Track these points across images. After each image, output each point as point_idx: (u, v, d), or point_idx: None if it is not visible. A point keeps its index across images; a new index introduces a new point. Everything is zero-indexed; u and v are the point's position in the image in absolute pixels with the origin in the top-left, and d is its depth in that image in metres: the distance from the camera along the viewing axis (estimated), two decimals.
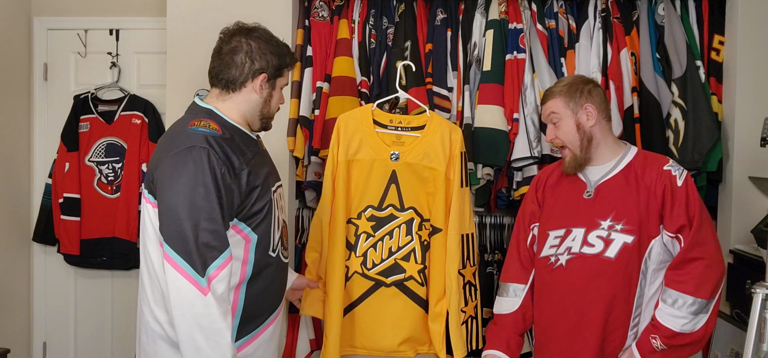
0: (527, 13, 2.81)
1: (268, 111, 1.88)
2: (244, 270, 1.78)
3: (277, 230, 1.85)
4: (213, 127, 1.73)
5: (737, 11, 2.68)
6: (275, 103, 1.89)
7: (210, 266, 1.63)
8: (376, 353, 2.43)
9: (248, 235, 1.76)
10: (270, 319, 1.87)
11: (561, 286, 2.03)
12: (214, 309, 1.63)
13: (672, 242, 1.95)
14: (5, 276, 3.23)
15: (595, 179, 2.06)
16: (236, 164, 1.71)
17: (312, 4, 2.92)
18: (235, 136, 1.77)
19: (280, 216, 1.89)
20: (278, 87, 1.88)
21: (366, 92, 2.84)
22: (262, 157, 1.87)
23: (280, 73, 1.86)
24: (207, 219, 1.63)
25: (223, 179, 1.66)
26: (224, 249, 1.66)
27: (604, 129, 2.06)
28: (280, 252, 1.88)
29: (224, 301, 1.66)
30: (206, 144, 1.67)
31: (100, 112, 3.26)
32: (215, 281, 1.63)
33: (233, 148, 1.73)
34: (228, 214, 1.70)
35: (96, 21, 3.33)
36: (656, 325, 1.92)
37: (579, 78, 2.12)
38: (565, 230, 2.04)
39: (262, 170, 1.81)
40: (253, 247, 1.77)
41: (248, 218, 1.76)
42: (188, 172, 1.64)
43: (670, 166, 2.00)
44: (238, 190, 1.71)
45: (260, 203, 1.77)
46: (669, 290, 1.92)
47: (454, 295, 2.35)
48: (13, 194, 3.30)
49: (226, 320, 1.65)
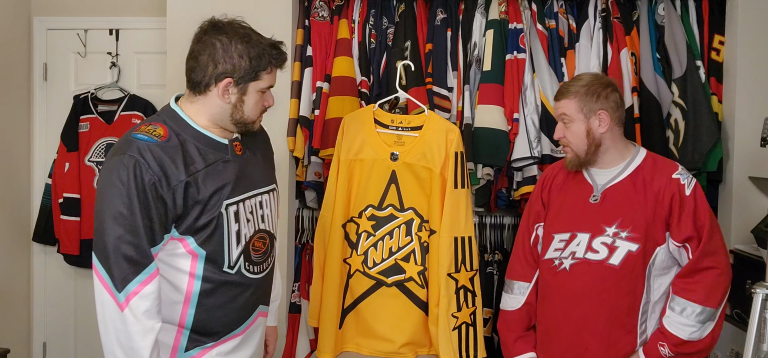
0: (527, 13, 2.81)
1: (242, 116, 1.69)
2: (192, 285, 1.66)
3: (235, 245, 1.69)
4: (158, 133, 1.61)
5: (737, 11, 2.68)
6: (252, 107, 1.70)
7: (130, 282, 1.54)
8: (377, 354, 2.42)
9: (194, 250, 1.65)
10: (230, 335, 1.75)
11: (564, 289, 2.02)
12: (132, 327, 1.55)
13: (678, 251, 1.94)
14: (5, 276, 3.23)
15: (602, 182, 2.04)
16: (173, 176, 1.58)
17: (312, 4, 2.92)
18: (190, 142, 1.65)
19: (247, 229, 1.72)
20: (253, 91, 1.68)
21: (366, 92, 2.84)
22: (225, 167, 1.69)
23: (255, 77, 1.67)
24: (129, 232, 1.54)
25: (154, 189, 1.56)
26: (147, 264, 1.56)
27: (615, 135, 2.02)
28: (243, 268, 1.72)
29: (149, 318, 1.57)
30: (137, 153, 1.56)
31: (100, 112, 3.26)
32: (136, 298, 1.55)
33: (175, 158, 1.60)
34: (160, 227, 1.58)
35: (96, 21, 3.33)
36: (664, 332, 1.91)
37: (597, 80, 2.02)
38: (570, 234, 2.03)
39: (214, 183, 1.64)
40: (201, 263, 1.66)
41: (194, 232, 1.63)
42: (114, 181, 1.55)
43: (679, 174, 1.97)
44: (172, 203, 1.59)
45: (205, 218, 1.63)
46: (677, 298, 1.91)
47: (443, 299, 2.33)
48: (13, 193, 3.30)
49: (145, 339, 1.56)
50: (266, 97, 1.74)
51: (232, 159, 1.71)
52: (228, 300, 1.71)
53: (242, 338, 1.78)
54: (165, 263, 1.65)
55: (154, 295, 1.58)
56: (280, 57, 1.71)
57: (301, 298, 2.93)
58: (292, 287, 2.96)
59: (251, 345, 1.83)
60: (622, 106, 2.05)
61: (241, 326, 1.76)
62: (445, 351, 2.34)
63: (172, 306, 1.67)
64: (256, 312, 1.82)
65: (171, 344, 1.69)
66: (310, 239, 3.00)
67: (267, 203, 1.81)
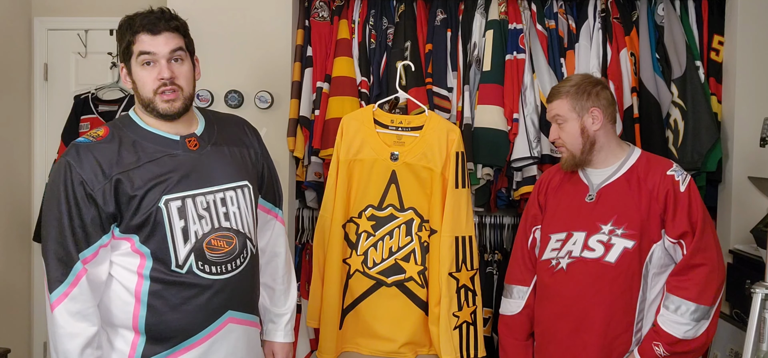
0: (527, 14, 2.82)
1: (141, 97, 1.64)
2: (141, 285, 1.62)
3: (183, 243, 1.61)
4: (98, 134, 1.63)
5: (737, 11, 2.68)
6: (141, 84, 1.63)
7: (60, 284, 1.55)
8: (377, 354, 2.43)
9: (139, 249, 1.61)
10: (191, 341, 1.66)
11: (561, 289, 2.03)
12: (58, 329, 1.56)
13: (674, 248, 1.95)
14: (6, 276, 3.24)
15: (597, 182, 2.05)
16: (102, 173, 1.56)
17: (312, 5, 2.92)
18: (132, 139, 1.63)
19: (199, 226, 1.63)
20: (135, 67, 1.62)
21: (366, 92, 2.85)
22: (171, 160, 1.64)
23: (128, 52, 1.62)
24: (59, 233, 1.55)
25: (83, 188, 1.55)
26: (72, 266, 1.55)
27: (608, 132, 2.04)
28: (195, 268, 1.63)
29: (78, 321, 1.56)
30: (71, 156, 1.58)
31: (101, 113, 3.26)
32: (65, 300, 1.55)
33: (110, 155, 1.58)
34: (93, 227, 1.56)
35: (96, 21, 3.33)
36: (659, 331, 1.91)
37: (587, 79, 2.06)
38: (566, 233, 2.04)
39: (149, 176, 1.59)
40: (148, 262, 1.61)
41: (134, 230, 1.60)
42: (50, 185, 1.61)
43: (673, 171, 1.98)
44: (103, 200, 1.56)
45: (141, 216, 1.58)
46: (671, 296, 1.91)
47: (444, 298, 2.33)
48: (14, 193, 3.30)
49: (73, 341, 1.56)
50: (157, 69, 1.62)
51: (182, 154, 1.66)
52: (181, 302, 1.63)
53: (206, 347, 1.67)
54: (116, 264, 1.64)
55: (82, 297, 1.56)
56: (135, 20, 1.63)
57: (301, 298, 2.94)
58: None
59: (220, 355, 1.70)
60: (614, 104, 2.07)
61: (201, 332, 1.66)
62: (446, 350, 2.34)
63: (124, 307, 1.64)
64: (224, 318, 1.69)
65: (127, 352, 1.65)
66: (310, 238, 3.00)
67: (233, 200, 1.70)
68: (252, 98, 2.86)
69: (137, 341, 1.64)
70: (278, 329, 1.93)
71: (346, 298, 2.43)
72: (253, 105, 2.86)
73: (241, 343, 1.74)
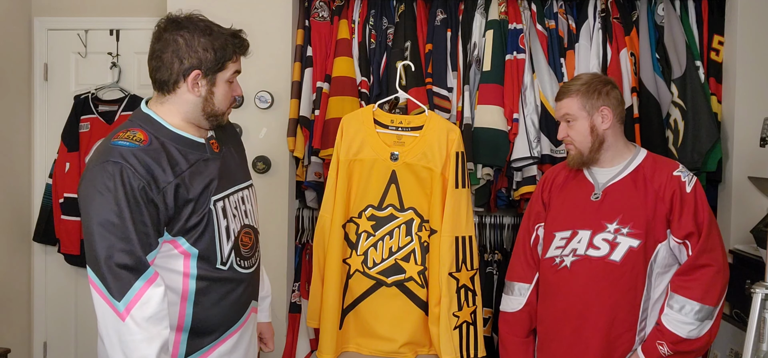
0: (527, 14, 2.82)
1: (213, 109, 1.70)
2: (187, 285, 1.66)
3: (226, 241, 1.70)
4: (138, 138, 1.60)
5: (737, 11, 2.68)
6: (222, 98, 1.71)
7: (128, 290, 1.52)
8: (377, 354, 2.43)
9: (187, 250, 1.64)
10: (228, 333, 1.75)
11: (565, 287, 2.03)
12: (136, 336, 1.52)
13: (679, 248, 1.95)
14: (6, 276, 3.24)
15: (603, 181, 2.05)
16: (161, 178, 1.57)
17: (312, 5, 2.92)
18: (169, 144, 1.64)
19: (235, 224, 1.73)
20: (222, 81, 1.69)
21: (366, 92, 2.85)
22: (207, 165, 1.70)
23: (222, 67, 1.68)
24: (120, 239, 1.51)
25: (145, 194, 1.54)
26: (143, 270, 1.54)
27: (616, 132, 2.04)
28: (234, 263, 1.73)
29: (154, 324, 1.55)
30: (121, 159, 1.54)
31: (101, 113, 3.26)
32: (137, 306, 1.52)
33: (160, 160, 1.59)
34: (154, 231, 1.57)
35: (96, 21, 3.33)
36: (662, 330, 1.91)
37: (597, 78, 2.06)
38: (570, 231, 2.03)
39: (200, 180, 1.65)
40: (194, 262, 1.66)
41: (185, 232, 1.63)
42: (100, 190, 1.53)
43: (679, 171, 1.99)
44: (163, 205, 1.57)
45: (196, 217, 1.63)
46: (676, 295, 1.91)
47: (444, 298, 2.33)
48: (14, 193, 3.30)
49: (151, 346, 1.53)
50: (234, 87, 1.75)
51: (211, 157, 1.72)
52: (222, 297, 1.71)
53: (239, 335, 1.79)
54: (159, 267, 1.63)
55: (156, 299, 1.55)
56: (242, 44, 1.73)
57: (302, 298, 2.94)
58: (293, 286, 2.97)
59: (246, 342, 1.84)
60: (623, 104, 2.07)
61: (237, 323, 1.77)
62: (446, 350, 2.34)
63: (170, 308, 1.66)
64: (249, 308, 1.83)
65: (171, 351, 1.67)
66: (310, 238, 3.01)
67: (248, 199, 1.82)
68: (252, 98, 2.86)
69: (180, 338, 1.69)
70: (263, 311, 2.04)
71: (346, 298, 2.43)
72: (253, 105, 2.86)
73: (254, 328, 1.91)
